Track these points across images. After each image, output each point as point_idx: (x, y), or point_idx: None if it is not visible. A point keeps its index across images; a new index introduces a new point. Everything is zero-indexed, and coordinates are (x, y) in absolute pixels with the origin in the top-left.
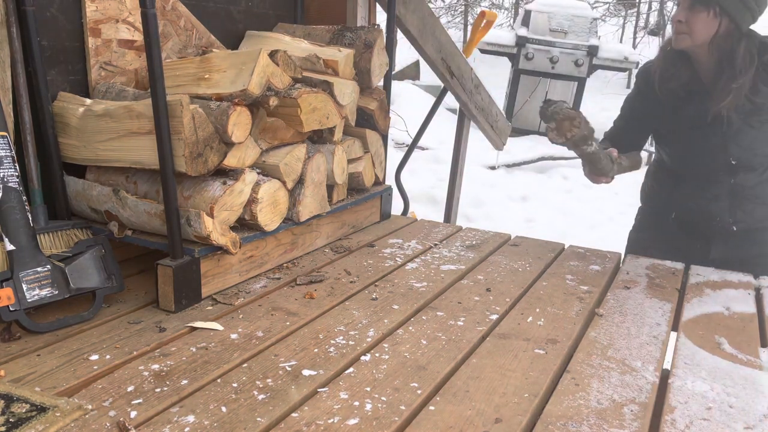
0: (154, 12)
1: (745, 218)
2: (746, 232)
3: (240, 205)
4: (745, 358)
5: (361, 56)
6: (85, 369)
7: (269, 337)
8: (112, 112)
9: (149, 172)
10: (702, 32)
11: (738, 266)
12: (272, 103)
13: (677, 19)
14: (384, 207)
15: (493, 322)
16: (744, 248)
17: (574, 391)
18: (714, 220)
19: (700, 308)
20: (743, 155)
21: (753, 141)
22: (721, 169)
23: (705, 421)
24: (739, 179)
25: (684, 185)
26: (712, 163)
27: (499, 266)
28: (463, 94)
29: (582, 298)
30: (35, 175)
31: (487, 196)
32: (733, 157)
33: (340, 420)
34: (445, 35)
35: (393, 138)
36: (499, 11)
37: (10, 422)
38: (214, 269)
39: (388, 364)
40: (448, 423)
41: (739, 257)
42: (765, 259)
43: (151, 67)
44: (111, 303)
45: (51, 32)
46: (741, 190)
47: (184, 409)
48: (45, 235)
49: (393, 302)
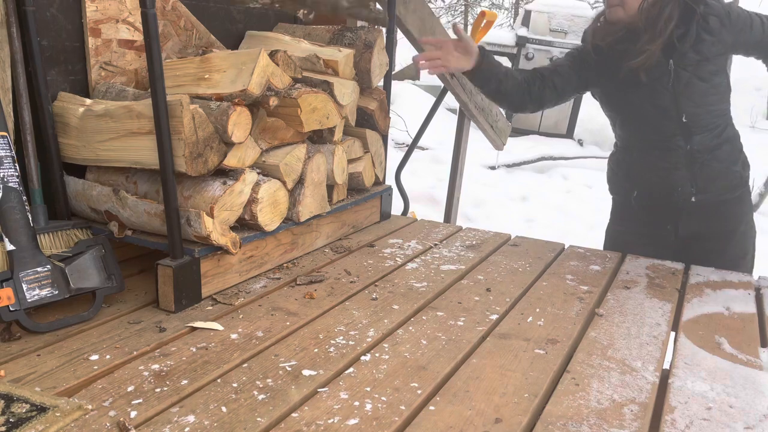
0: (154, 12)
1: (708, 186)
2: (713, 204)
3: (240, 205)
4: (745, 358)
5: (361, 56)
6: (85, 369)
7: (269, 337)
8: (112, 112)
9: (149, 172)
10: (633, 2)
11: (710, 243)
12: (272, 103)
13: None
14: (384, 207)
15: (493, 322)
16: (713, 223)
17: (574, 391)
18: (675, 191)
19: (700, 308)
20: (695, 111)
21: (704, 95)
22: (674, 132)
23: (705, 421)
24: (696, 142)
25: (640, 158)
26: (664, 123)
27: (499, 266)
28: (463, 94)
29: (582, 298)
30: (35, 175)
31: (487, 196)
32: (686, 114)
33: (340, 420)
34: (445, 35)
35: (393, 138)
36: (499, 11)
37: (10, 422)
38: (214, 269)
39: (388, 364)
40: (448, 423)
41: (709, 234)
42: (736, 235)
43: (151, 67)
44: (111, 303)
45: (51, 32)
46: (699, 155)
47: (184, 409)
48: (45, 235)
49: (393, 302)
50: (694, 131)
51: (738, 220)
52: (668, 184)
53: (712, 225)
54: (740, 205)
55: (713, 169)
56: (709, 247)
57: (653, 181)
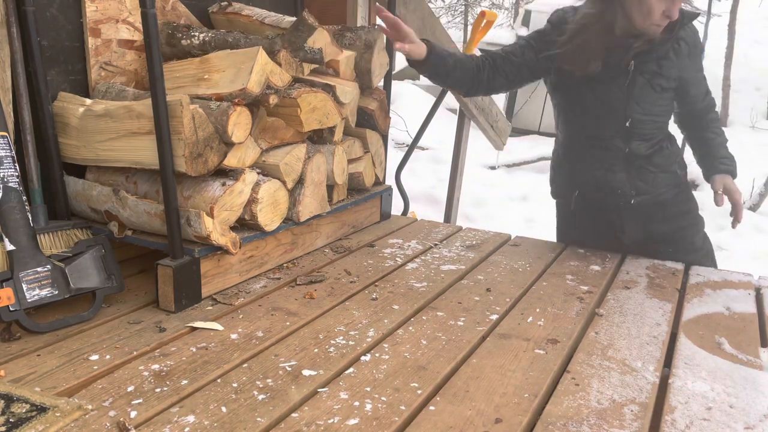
0: (154, 12)
1: (646, 188)
2: (652, 206)
3: (240, 205)
4: (745, 358)
5: (361, 56)
6: (85, 369)
7: (269, 337)
8: (112, 112)
9: (149, 172)
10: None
11: (657, 246)
12: (272, 101)
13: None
14: (384, 207)
15: (493, 322)
16: (656, 225)
17: (575, 391)
18: (615, 192)
19: (700, 308)
20: (640, 118)
21: (652, 105)
22: (615, 134)
23: (705, 421)
24: (633, 147)
25: (581, 157)
26: (609, 122)
27: (499, 266)
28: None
29: (582, 298)
30: (35, 175)
31: (487, 196)
32: (630, 119)
33: (340, 420)
34: (445, 35)
35: (393, 138)
36: (499, 11)
37: (10, 422)
38: (214, 269)
39: (388, 364)
40: (448, 423)
41: (655, 235)
42: (684, 232)
43: (151, 67)
44: (111, 303)
45: (51, 32)
46: (635, 159)
47: (184, 409)
48: (45, 235)
49: (393, 302)
50: (633, 136)
51: (680, 218)
52: (608, 185)
53: (655, 226)
54: (680, 204)
55: (648, 172)
56: (658, 249)
57: (592, 181)
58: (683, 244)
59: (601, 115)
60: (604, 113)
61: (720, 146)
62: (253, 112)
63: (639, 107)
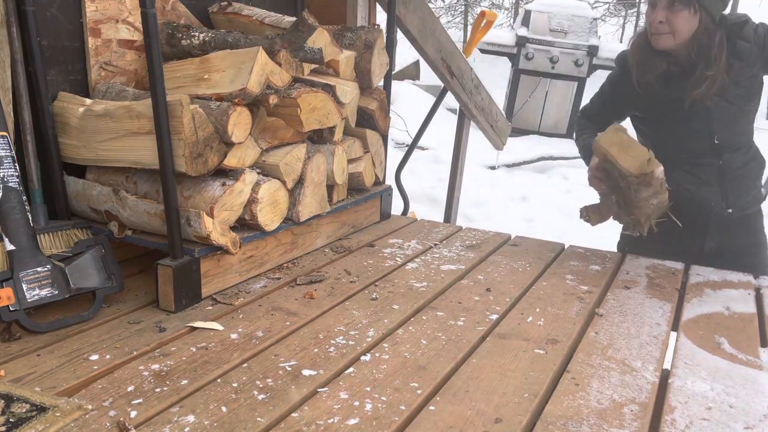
0: (154, 12)
1: (737, 202)
2: (740, 219)
3: (240, 205)
4: (745, 358)
5: (361, 56)
6: (85, 369)
7: (269, 337)
8: (112, 112)
9: (149, 172)
10: (684, 30)
11: (732, 257)
12: (272, 101)
13: (658, 20)
14: (384, 207)
15: (493, 322)
16: (738, 237)
17: (574, 391)
18: (708, 206)
19: (700, 308)
20: (726, 133)
21: (734, 118)
22: (706, 152)
23: (705, 421)
24: (726, 160)
25: (672, 173)
26: (696, 144)
27: (499, 266)
28: (463, 94)
29: (582, 298)
30: (35, 175)
31: (487, 196)
32: (717, 137)
33: (340, 420)
34: (445, 35)
35: (393, 138)
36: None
37: (10, 422)
38: (214, 269)
39: (388, 364)
40: (448, 423)
41: (733, 247)
42: (758, 248)
43: (151, 67)
44: (111, 303)
45: (51, 32)
46: (729, 171)
47: (184, 409)
48: (45, 235)
49: (393, 302)
50: (724, 150)
51: (759, 232)
52: (701, 198)
53: (737, 238)
54: (760, 218)
55: (742, 184)
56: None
57: (686, 195)
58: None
59: (687, 139)
60: (691, 136)
61: None
62: (253, 112)
63: (722, 124)
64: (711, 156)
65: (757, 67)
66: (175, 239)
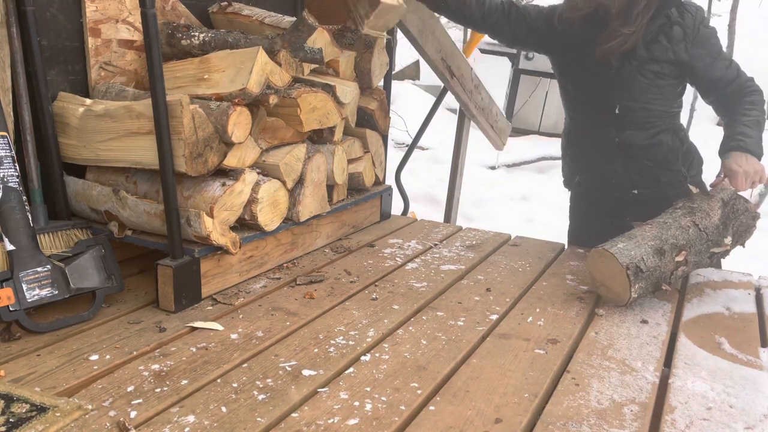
0: (154, 12)
1: (644, 183)
2: (659, 201)
3: (240, 205)
4: (745, 358)
5: (361, 56)
6: (85, 369)
7: (269, 337)
8: (112, 112)
9: (149, 172)
10: None
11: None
12: (272, 101)
13: None
14: (384, 207)
15: (493, 322)
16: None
17: (574, 391)
18: (611, 182)
19: (700, 308)
20: (629, 105)
21: (642, 92)
22: (608, 122)
23: (705, 421)
24: (626, 136)
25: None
26: (600, 109)
27: (499, 266)
28: (463, 94)
29: (582, 298)
30: (35, 175)
31: (487, 196)
32: (620, 105)
33: (340, 420)
34: (445, 35)
35: (393, 138)
36: None
37: (10, 422)
38: (214, 269)
39: (388, 364)
40: (448, 423)
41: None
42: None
43: (151, 67)
44: (111, 303)
45: (51, 32)
46: (631, 150)
47: (184, 409)
48: (45, 235)
49: (393, 302)
50: (626, 125)
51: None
52: (604, 173)
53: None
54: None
55: (646, 167)
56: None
57: (590, 168)
58: None
59: (592, 102)
60: (595, 101)
61: (741, 124)
62: (253, 112)
63: (627, 94)
64: (612, 128)
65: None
66: (175, 239)
